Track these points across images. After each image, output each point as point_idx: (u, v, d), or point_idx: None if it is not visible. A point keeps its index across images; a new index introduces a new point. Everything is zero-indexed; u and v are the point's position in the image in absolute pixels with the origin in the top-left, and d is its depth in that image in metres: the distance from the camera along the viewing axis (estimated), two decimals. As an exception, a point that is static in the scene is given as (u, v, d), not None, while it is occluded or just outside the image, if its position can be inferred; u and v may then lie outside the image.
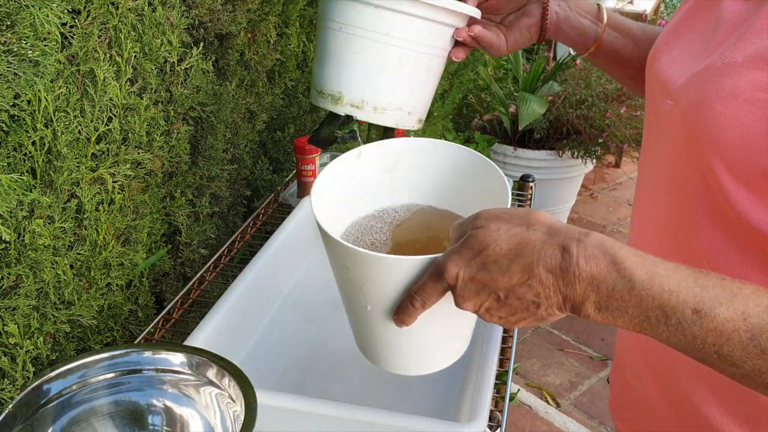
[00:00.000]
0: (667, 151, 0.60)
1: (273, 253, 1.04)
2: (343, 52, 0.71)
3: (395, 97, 0.73)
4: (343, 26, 0.70)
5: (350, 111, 0.73)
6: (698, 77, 0.55)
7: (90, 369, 0.71)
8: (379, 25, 0.69)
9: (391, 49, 0.70)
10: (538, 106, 2.60)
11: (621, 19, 0.83)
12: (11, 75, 0.72)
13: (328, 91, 0.74)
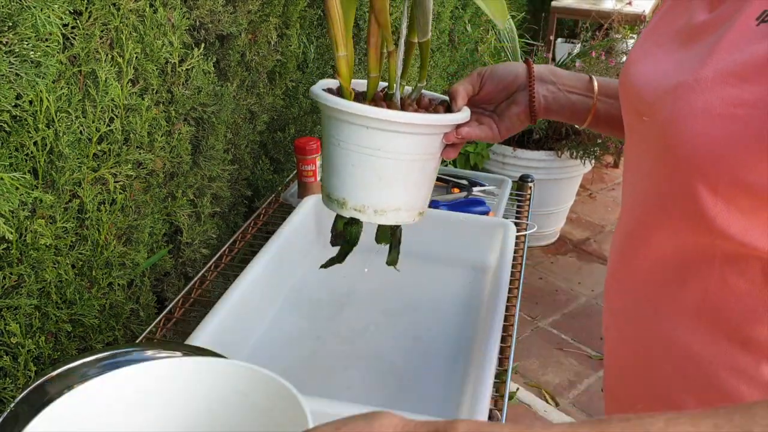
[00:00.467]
0: (646, 163, 0.61)
1: (274, 253, 1.04)
2: (343, 164, 0.79)
3: (392, 200, 0.79)
4: (341, 143, 0.77)
5: (354, 214, 0.80)
6: (671, 94, 0.56)
7: (92, 368, 0.71)
8: (372, 143, 0.76)
9: (384, 161, 0.77)
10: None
11: (615, 85, 0.82)
12: (13, 75, 0.72)
13: (334, 197, 0.81)
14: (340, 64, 0.76)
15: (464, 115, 0.79)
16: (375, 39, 0.78)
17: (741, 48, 0.52)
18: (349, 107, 0.74)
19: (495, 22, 0.67)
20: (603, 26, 3.19)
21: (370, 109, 0.74)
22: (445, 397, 0.87)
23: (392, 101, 0.79)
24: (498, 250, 1.11)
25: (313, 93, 0.79)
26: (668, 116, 0.55)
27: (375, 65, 0.78)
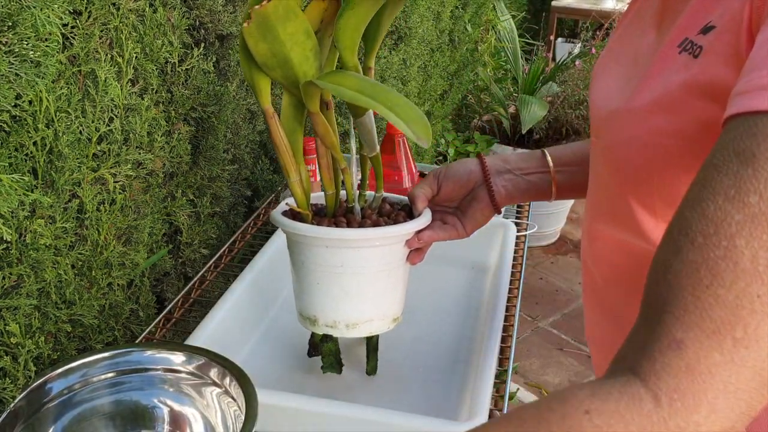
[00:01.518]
0: (598, 175, 0.65)
1: (274, 253, 1.04)
2: (308, 283, 0.80)
3: (363, 313, 0.81)
4: (304, 262, 0.79)
5: (326, 331, 0.82)
6: (610, 120, 0.59)
7: (91, 368, 0.71)
8: (333, 260, 0.78)
9: (349, 277, 0.78)
10: (539, 108, 2.60)
11: (570, 151, 0.83)
12: (13, 75, 0.72)
13: (305, 315, 0.83)
14: (294, 190, 0.79)
15: (423, 220, 0.80)
16: (325, 160, 0.81)
17: (664, 77, 0.54)
18: (305, 230, 0.77)
19: (419, 143, 0.68)
20: (603, 26, 3.19)
21: (325, 230, 0.76)
22: (445, 397, 0.87)
23: (352, 214, 0.81)
24: (498, 250, 1.11)
25: (272, 219, 0.81)
26: (607, 142, 0.59)
27: (329, 183, 0.81)
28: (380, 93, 0.70)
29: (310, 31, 0.71)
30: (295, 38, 0.70)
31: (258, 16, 0.66)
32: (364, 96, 0.69)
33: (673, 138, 0.52)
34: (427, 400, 0.87)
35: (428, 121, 0.70)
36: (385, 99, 0.69)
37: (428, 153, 2.59)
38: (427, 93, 2.38)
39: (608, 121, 0.60)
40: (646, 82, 0.56)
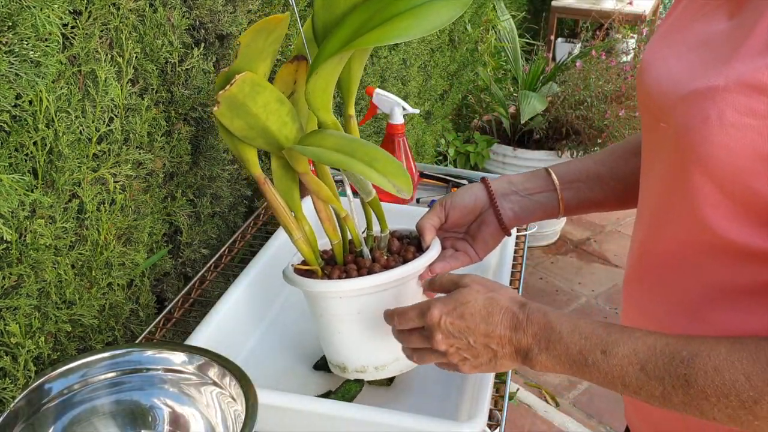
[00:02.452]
0: (660, 165, 0.62)
1: (274, 253, 1.04)
2: (330, 332, 0.82)
3: (389, 353, 0.81)
4: (323, 313, 0.80)
5: (357, 376, 0.83)
6: (685, 102, 0.56)
7: (91, 368, 0.71)
8: (350, 309, 0.78)
9: (367, 321, 0.79)
10: (538, 102, 2.60)
11: (575, 168, 0.83)
12: (13, 75, 0.72)
13: (334, 363, 0.85)
14: (301, 248, 0.80)
15: (433, 253, 0.80)
16: (324, 213, 0.81)
17: (754, 59, 0.52)
18: (317, 287, 0.78)
19: (401, 196, 0.69)
20: (603, 26, 3.19)
21: (336, 284, 0.77)
22: (445, 397, 0.87)
23: (362, 258, 0.81)
24: (498, 250, 1.11)
25: (285, 277, 0.81)
26: (682, 124, 0.56)
27: (334, 233, 0.82)
28: (358, 149, 0.71)
29: (282, 97, 0.73)
30: (268, 108, 0.71)
31: (225, 99, 0.68)
32: (343, 155, 0.70)
33: (763, 119, 0.51)
34: (427, 401, 0.87)
35: (407, 172, 0.71)
36: (364, 155, 0.70)
37: (428, 153, 2.59)
38: (427, 93, 2.38)
39: (684, 103, 0.57)
40: (731, 63, 0.53)
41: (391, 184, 0.69)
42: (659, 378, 0.54)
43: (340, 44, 0.69)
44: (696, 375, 0.52)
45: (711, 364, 0.51)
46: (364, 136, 1.82)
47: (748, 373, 0.50)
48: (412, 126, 2.27)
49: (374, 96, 1.33)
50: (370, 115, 1.39)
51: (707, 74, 0.55)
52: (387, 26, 0.68)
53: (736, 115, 0.51)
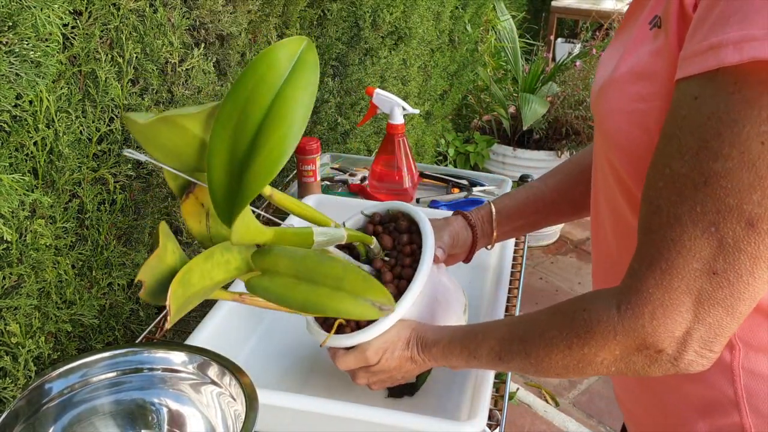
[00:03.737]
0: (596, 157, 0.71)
1: (273, 253, 1.04)
2: None
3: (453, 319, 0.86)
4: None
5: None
6: (598, 96, 0.65)
7: (91, 368, 0.71)
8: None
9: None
10: (539, 106, 2.60)
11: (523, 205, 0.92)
12: (13, 75, 0.72)
13: None
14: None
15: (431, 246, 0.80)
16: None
17: (638, 49, 0.60)
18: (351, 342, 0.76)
19: (384, 312, 0.70)
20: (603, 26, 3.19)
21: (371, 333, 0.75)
22: (445, 396, 0.87)
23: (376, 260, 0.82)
24: (498, 250, 1.11)
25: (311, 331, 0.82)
26: (598, 116, 0.65)
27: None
28: (318, 273, 0.68)
29: (208, 253, 0.67)
30: (207, 274, 0.67)
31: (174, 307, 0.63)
32: (306, 286, 0.67)
33: (648, 102, 0.58)
34: (427, 400, 0.87)
35: (377, 283, 0.71)
36: (326, 278, 0.68)
37: (428, 153, 2.59)
38: (427, 93, 2.38)
39: (598, 97, 0.65)
40: (625, 55, 0.62)
41: (370, 302, 0.68)
42: (512, 360, 0.67)
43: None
44: (529, 346, 0.65)
45: (537, 332, 0.64)
46: (364, 136, 1.82)
47: (559, 326, 0.62)
48: (412, 126, 2.27)
49: (374, 96, 1.33)
50: (370, 115, 1.39)
51: (613, 66, 0.63)
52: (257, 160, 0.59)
53: (629, 102, 0.60)
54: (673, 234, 0.53)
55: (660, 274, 0.54)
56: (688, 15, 0.55)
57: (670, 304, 0.54)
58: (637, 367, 0.59)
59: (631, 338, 0.57)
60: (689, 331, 0.55)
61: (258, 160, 0.58)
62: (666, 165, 0.54)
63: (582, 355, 0.60)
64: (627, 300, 0.57)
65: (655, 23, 0.59)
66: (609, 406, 2.10)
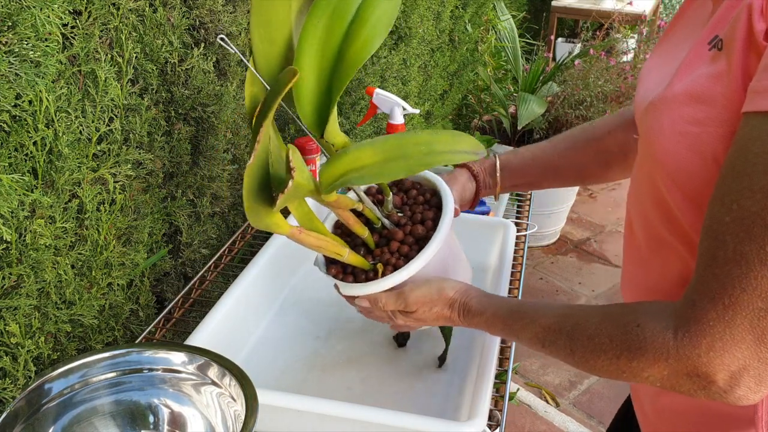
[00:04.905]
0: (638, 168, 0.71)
1: (273, 253, 1.04)
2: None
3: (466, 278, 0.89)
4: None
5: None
6: (646, 112, 0.64)
7: (91, 368, 0.71)
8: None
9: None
10: (537, 106, 2.60)
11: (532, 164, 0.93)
12: (13, 75, 0.72)
13: None
14: (353, 261, 0.80)
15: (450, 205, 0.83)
16: (350, 219, 0.80)
17: (694, 69, 0.59)
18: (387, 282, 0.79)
19: (479, 156, 0.71)
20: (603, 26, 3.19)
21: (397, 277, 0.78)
22: (445, 396, 0.87)
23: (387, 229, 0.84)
24: (498, 250, 1.11)
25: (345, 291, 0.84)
26: (645, 132, 0.65)
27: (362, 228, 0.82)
28: (407, 145, 0.70)
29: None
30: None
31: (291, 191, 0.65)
32: (397, 161, 0.69)
33: (702, 126, 0.57)
34: (427, 400, 0.87)
35: (468, 135, 0.72)
36: (417, 146, 0.71)
37: (428, 153, 2.58)
38: (427, 93, 2.38)
39: (646, 113, 0.64)
40: (678, 75, 0.60)
41: (465, 153, 0.70)
42: (556, 351, 0.68)
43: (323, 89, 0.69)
44: (576, 345, 0.65)
45: (586, 334, 0.64)
46: (364, 136, 1.82)
47: (611, 335, 0.62)
48: (412, 126, 2.27)
49: (374, 96, 1.33)
50: (370, 115, 1.39)
51: (663, 85, 0.62)
52: (352, 43, 0.68)
53: (682, 124, 0.59)
54: (739, 271, 0.53)
55: (722, 309, 0.54)
56: (757, 43, 0.53)
57: (730, 340, 0.54)
58: (683, 390, 0.59)
59: (684, 365, 0.57)
60: (746, 367, 0.55)
61: (350, 51, 0.66)
62: (734, 201, 0.53)
63: (629, 367, 0.60)
64: (686, 327, 0.56)
65: (715, 44, 0.58)
66: (609, 407, 2.10)
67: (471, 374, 0.89)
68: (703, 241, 0.57)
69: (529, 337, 0.70)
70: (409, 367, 0.93)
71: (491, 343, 0.87)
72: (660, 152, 0.61)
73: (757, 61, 0.53)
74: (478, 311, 0.76)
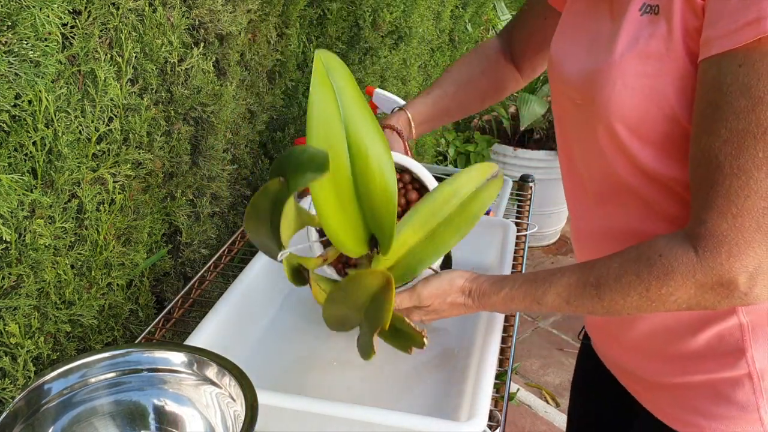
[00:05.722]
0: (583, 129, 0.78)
1: (273, 253, 1.04)
2: None
3: None
4: None
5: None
6: (595, 79, 0.73)
7: (91, 369, 0.71)
8: None
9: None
10: (538, 106, 2.60)
11: (430, 109, 1.04)
12: (12, 75, 0.72)
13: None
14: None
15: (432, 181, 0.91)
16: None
17: (634, 35, 0.70)
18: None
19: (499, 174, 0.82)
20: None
21: None
22: (445, 397, 0.87)
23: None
24: (498, 250, 1.11)
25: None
26: (597, 94, 0.73)
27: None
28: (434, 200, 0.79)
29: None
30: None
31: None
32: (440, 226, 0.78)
33: (655, 78, 0.68)
34: (427, 401, 0.87)
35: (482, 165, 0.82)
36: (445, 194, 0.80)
37: (428, 153, 2.59)
38: (427, 93, 2.38)
39: (591, 81, 0.73)
40: (619, 42, 0.71)
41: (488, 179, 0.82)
42: (583, 303, 0.73)
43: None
44: (603, 291, 0.70)
45: (611, 278, 0.70)
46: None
47: (637, 272, 0.68)
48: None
49: (374, 96, 1.33)
50: (370, 114, 1.39)
51: (604, 56, 0.72)
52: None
53: (633, 78, 0.69)
54: (739, 182, 0.62)
55: (732, 219, 0.62)
56: (694, 3, 0.64)
57: (743, 242, 0.62)
58: (707, 304, 0.67)
59: (709, 276, 0.64)
60: (760, 265, 0.63)
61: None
62: (721, 127, 0.62)
63: (659, 295, 0.67)
64: (704, 244, 0.64)
65: (649, 10, 0.69)
66: (609, 406, 2.10)
67: (471, 374, 0.89)
68: (696, 170, 0.65)
69: (552, 299, 0.74)
70: (409, 367, 0.93)
71: (491, 343, 0.87)
72: (618, 107, 0.70)
73: (694, 17, 0.65)
74: (494, 291, 0.79)
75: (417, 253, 0.79)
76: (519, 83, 1.09)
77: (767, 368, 0.74)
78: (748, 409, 0.75)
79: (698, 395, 0.78)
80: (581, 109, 0.77)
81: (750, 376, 0.75)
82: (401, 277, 0.78)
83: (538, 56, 1.05)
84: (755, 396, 0.75)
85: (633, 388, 0.89)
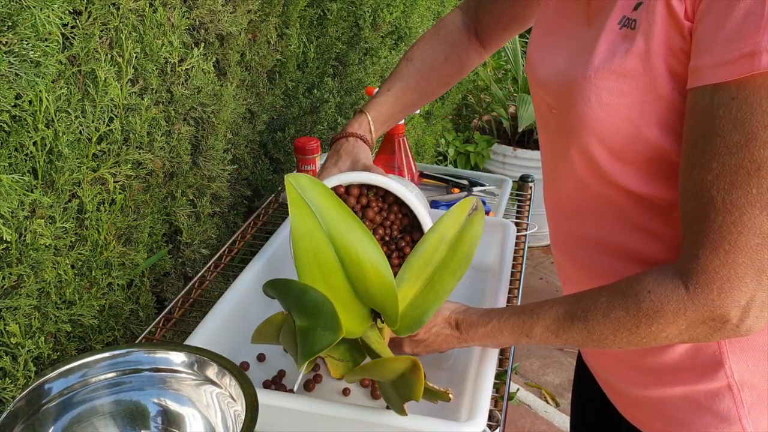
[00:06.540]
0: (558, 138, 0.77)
1: (273, 253, 1.04)
2: None
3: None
4: None
5: None
6: (569, 90, 0.71)
7: (91, 368, 0.71)
8: None
9: None
10: (537, 106, 2.60)
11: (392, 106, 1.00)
12: (13, 75, 0.72)
13: None
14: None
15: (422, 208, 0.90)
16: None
17: (611, 49, 0.67)
18: None
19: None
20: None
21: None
22: (445, 397, 0.87)
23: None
24: (498, 250, 1.11)
25: None
26: (572, 107, 0.71)
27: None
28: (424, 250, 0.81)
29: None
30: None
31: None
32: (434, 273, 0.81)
33: (629, 96, 0.66)
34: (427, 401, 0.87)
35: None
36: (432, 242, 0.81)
37: (428, 153, 2.59)
38: (427, 93, 2.38)
39: (569, 91, 0.71)
40: (597, 55, 0.68)
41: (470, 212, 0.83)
42: (572, 337, 0.72)
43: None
44: (593, 326, 0.69)
45: (600, 313, 0.68)
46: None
47: (625, 308, 0.67)
48: (412, 126, 2.27)
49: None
50: (370, 115, 1.39)
51: (582, 66, 0.70)
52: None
53: (608, 96, 0.67)
54: (732, 217, 0.60)
55: (724, 254, 0.61)
56: (679, 22, 0.62)
57: (735, 278, 0.61)
58: (699, 337, 0.66)
59: (701, 313, 0.63)
60: (752, 298, 0.61)
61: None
62: (713, 160, 0.60)
63: (649, 332, 0.66)
64: (695, 280, 0.63)
65: (626, 24, 0.66)
66: (609, 406, 2.10)
67: (471, 374, 0.89)
68: (688, 203, 0.63)
69: (541, 332, 0.73)
70: (409, 367, 0.93)
71: (491, 343, 0.87)
72: (592, 122, 0.69)
73: (680, 38, 0.62)
74: (481, 322, 0.78)
75: (419, 304, 0.79)
76: (483, 58, 1.07)
77: (747, 379, 0.73)
78: (729, 420, 0.74)
79: (679, 407, 0.77)
80: (556, 117, 0.76)
81: (730, 387, 0.73)
82: (408, 328, 0.78)
83: (505, 32, 1.02)
84: (736, 407, 0.73)
85: (615, 399, 0.88)
